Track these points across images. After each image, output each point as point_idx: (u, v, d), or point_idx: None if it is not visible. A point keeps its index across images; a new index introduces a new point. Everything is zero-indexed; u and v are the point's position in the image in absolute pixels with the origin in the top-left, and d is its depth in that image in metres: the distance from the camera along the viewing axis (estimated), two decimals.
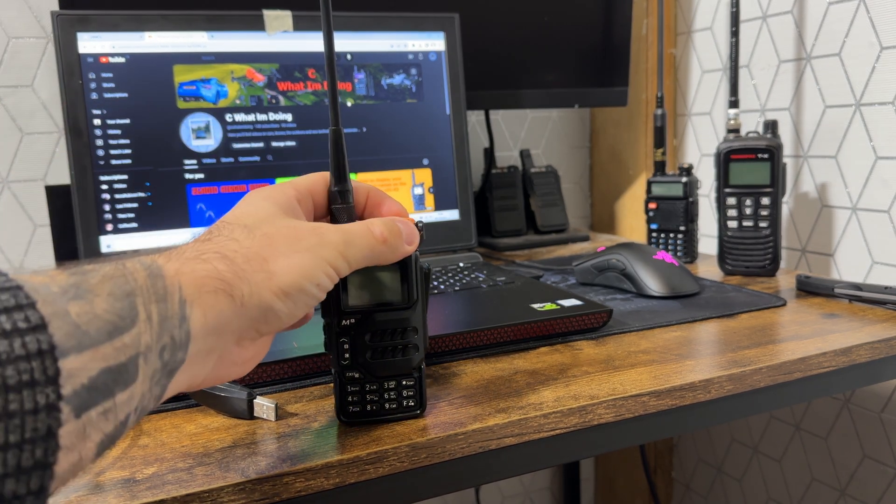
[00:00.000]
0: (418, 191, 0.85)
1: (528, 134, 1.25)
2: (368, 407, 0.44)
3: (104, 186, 0.72)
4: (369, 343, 0.43)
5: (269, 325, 0.35)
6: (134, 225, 0.73)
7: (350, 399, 0.44)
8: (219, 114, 0.76)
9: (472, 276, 0.76)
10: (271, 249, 0.35)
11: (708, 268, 0.89)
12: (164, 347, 0.30)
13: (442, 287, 0.72)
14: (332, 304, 0.43)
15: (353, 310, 0.43)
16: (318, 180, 0.43)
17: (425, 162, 0.85)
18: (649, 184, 0.95)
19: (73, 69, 0.71)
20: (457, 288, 0.72)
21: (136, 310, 0.29)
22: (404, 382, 0.45)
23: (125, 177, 0.72)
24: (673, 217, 0.92)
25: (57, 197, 0.75)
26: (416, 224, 0.44)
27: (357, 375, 0.44)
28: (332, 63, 0.43)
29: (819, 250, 0.93)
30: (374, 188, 0.45)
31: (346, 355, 0.43)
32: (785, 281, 0.80)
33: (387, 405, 0.45)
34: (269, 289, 0.34)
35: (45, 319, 0.25)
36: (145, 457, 0.42)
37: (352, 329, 0.43)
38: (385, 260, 0.41)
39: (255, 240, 0.36)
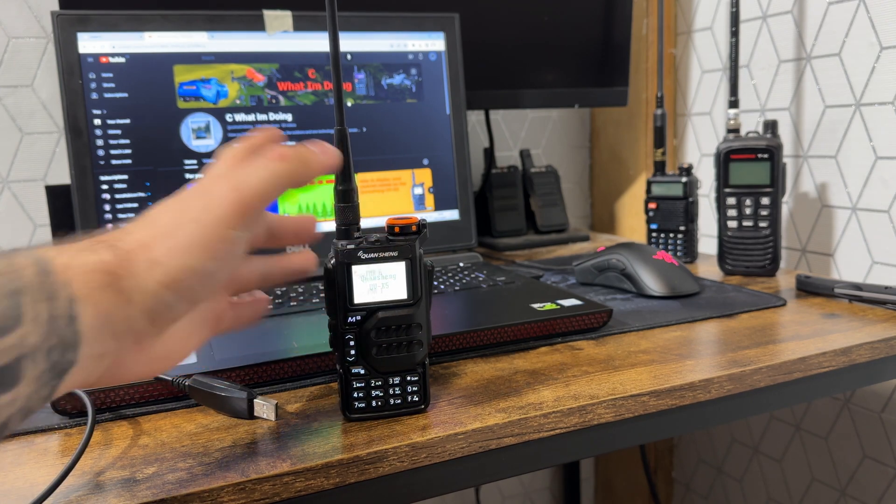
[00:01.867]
0: (418, 191, 0.85)
1: (528, 134, 1.25)
2: (373, 403, 0.45)
3: (104, 186, 0.72)
4: (374, 339, 0.44)
5: (164, 319, 0.33)
6: None
7: (355, 395, 0.45)
8: (219, 114, 0.76)
9: (472, 276, 0.76)
10: (154, 231, 0.32)
11: (708, 268, 0.89)
12: (51, 348, 0.28)
13: (442, 287, 0.72)
14: (338, 302, 0.43)
15: (358, 307, 0.43)
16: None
17: (425, 162, 0.85)
18: (649, 184, 0.95)
19: (73, 69, 0.71)
20: (457, 288, 0.72)
21: (20, 308, 0.27)
22: (409, 378, 0.45)
23: (125, 177, 0.73)
24: (673, 217, 0.92)
25: (57, 197, 0.75)
26: (419, 222, 0.44)
27: (362, 372, 0.44)
28: (337, 63, 0.43)
29: (819, 250, 0.93)
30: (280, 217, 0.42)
31: (352, 352, 0.44)
32: (785, 281, 0.80)
33: (391, 401, 0.45)
34: (155, 279, 0.31)
35: None
36: (145, 457, 0.42)
37: (357, 326, 0.44)
38: (298, 178, 0.36)
39: (140, 224, 0.33)
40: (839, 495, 0.95)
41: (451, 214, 0.87)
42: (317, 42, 0.80)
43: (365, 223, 0.46)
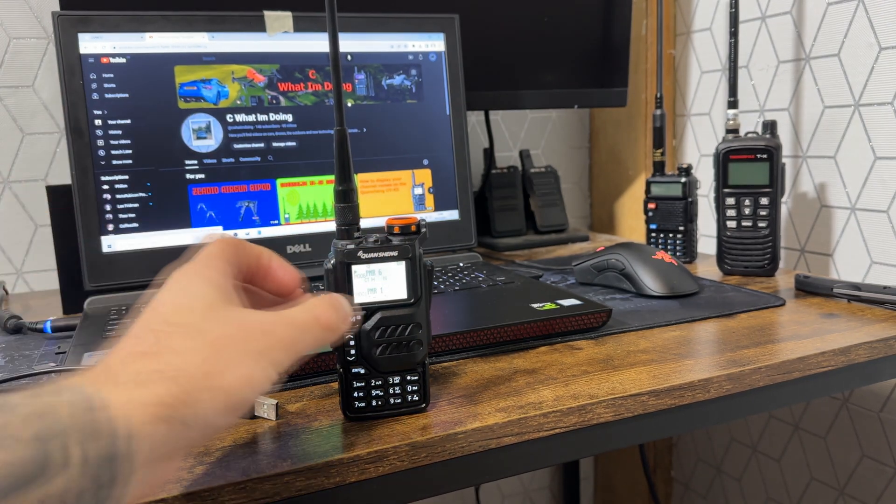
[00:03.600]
0: (418, 191, 0.85)
1: (527, 134, 1.25)
2: (374, 402, 0.45)
3: (105, 186, 0.72)
4: (374, 339, 0.44)
5: (207, 441, 0.34)
6: (135, 225, 0.73)
7: (355, 395, 0.45)
8: (219, 114, 0.76)
9: (472, 275, 0.76)
10: (217, 360, 0.33)
11: (707, 268, 0.89)
12: (100, 486, 0.28)
13: (442, 287, 0.72)
14: None
15: (359, 307, 0.44)
16: (229, 247, 0.39)
17: (425, 162, 0.85)
18: (648, 184, 0.95)
19: (74, 69, 0.71)
20: (457, 288, 0.72)
21: (67, 451, 0.27)
22: (409, 377, 0.45)
23: (126, 177, 0.73)
24: (672, 217, 0.93)
25: (58, 197, 0.75)
26: (419, 222, 0.44)
27: (362, 371, 0.44)
28: (336, 64, 0.44)
29: (818, 250, 0.94)
30: (268, 250, 0.42)
31: (352, 352, 0.44)
32: (784, 281, 0.81)
33: (392, 400, 0.45)
34: (215, 408, 0.32)
35: None
36: None
37: (358, 325, 0.44)
38: (324, 344, 0.39)
39: (199, 351, 0.32)
40: (838, 494, 0.96)
41: (451, 214, 0.87)
42: (317, 43, 0.80)
43: (365, 223, 0.46)
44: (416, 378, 0.46)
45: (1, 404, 0.27)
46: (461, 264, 0.83)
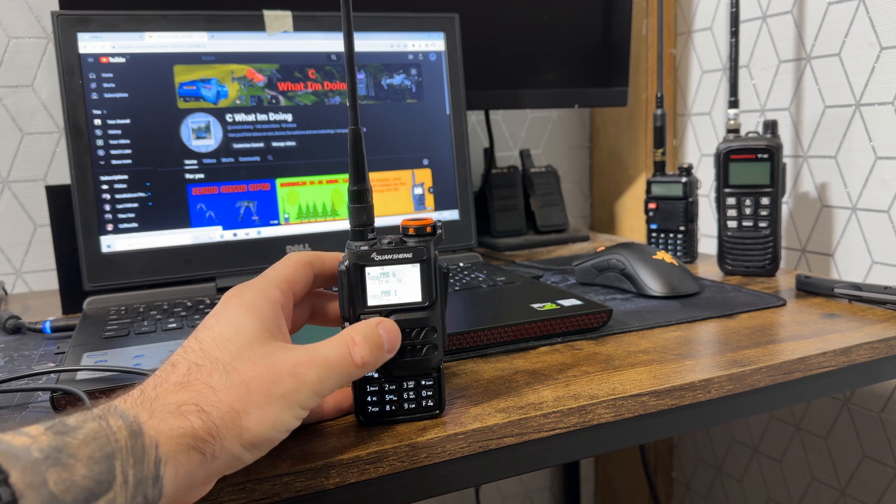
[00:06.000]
0: (418, 191, 0.85)
1: (528, 134, 1.25)
2: (387, 407, 0.44)
3: (104, 186, 0.72)
4: None
5: (233, 471, 0.36)
6: (134, 225, 0.73)
7: (369, 400, 0.44)
8: (219, 114, 0.76)
9: (472, 276, 0.76)
10: (246, 401, 0.35)
11: (708, 268, 0.89)
12: None
13: None
14: (352, 305, 0.43)
15: (372, 310, 0.43)
16: (298, 270, 0.42)
17: (425, 162, 0.85)
18: (649, 184, 0.95)
19: (73, 69, 0.71)
20: (457, 288, 0.72)
21: (113, 473, 0.29)
22: (423, 382, 0.44)
23: (125, 177, 0.73)
24: (673, 217, 0.92)
25: (57, 197, 0.75)
26: (434, 223, 0.44)
27: (376, 376, 0.44)
28: (351, 63, 0.43)
29: (819, 250, 0.93)
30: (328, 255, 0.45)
31: None
32: (785, 281, 0.81)
33: (406, 405, 0.44)
34: (240, 443, 0.35)
35: (17, 494, 0.26)
36: None
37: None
38: (354, 379, 0.41)
39: (232, 389, 0.35)
40: (839, 495, 0.96)
41: (451, 214, 0.87)
42: (317, 42, 0.80)
43: None
44: (430, 383, 0.44)
45: (59, 427, 0.29)
46: (461, 264, 0.83)
